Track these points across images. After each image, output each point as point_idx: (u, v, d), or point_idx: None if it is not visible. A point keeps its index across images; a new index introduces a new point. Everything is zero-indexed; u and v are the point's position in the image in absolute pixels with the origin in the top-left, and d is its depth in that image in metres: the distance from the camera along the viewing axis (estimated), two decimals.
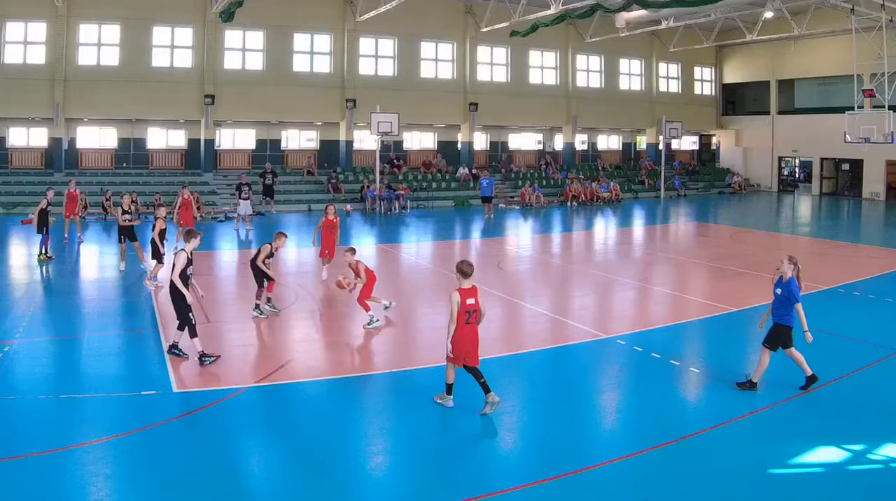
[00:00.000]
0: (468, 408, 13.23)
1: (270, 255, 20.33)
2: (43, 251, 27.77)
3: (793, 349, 14.33)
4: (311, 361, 16.59)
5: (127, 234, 26.28)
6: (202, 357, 15.79)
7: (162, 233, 24.09)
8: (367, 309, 18.92)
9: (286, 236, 20.62)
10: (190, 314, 15.86)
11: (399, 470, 11.27)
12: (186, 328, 15.90)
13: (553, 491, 10.39)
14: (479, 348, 13.47)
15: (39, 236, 27.93)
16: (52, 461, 10.93)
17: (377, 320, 19.10)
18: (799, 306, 13.89)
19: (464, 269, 13.44)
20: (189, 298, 15.61)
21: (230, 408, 13.34)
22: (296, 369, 15.75)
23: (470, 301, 13.25)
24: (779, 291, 14.22)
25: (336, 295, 22.13)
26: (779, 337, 14.28)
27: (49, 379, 14.79)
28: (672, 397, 14.48)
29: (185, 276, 15.83)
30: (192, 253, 16.25)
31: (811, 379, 14.41)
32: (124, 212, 26.21)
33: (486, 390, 13.18)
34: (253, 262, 19.95)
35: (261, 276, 20.05)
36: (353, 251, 19.65)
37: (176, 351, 16.19)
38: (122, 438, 11.78)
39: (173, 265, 15.88)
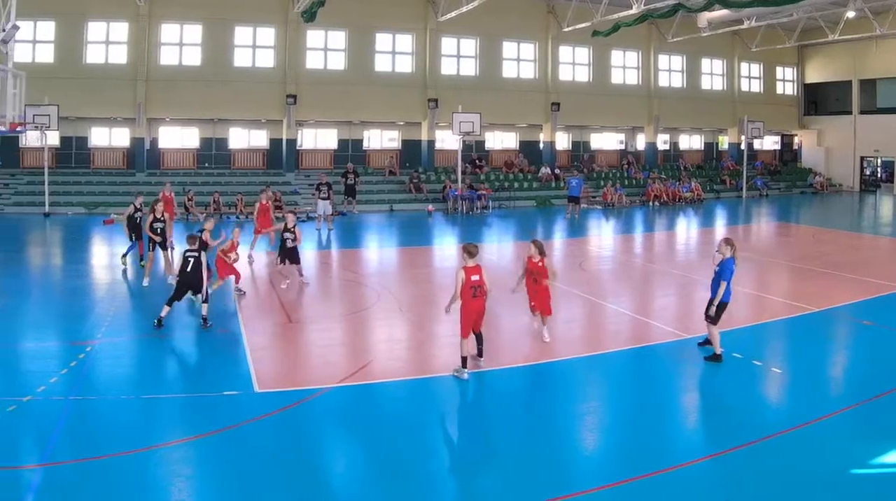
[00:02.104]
0: (552, 410, 12.88)
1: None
2: (140, 257, 25.31)
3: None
4: (392, 361, 15.88)
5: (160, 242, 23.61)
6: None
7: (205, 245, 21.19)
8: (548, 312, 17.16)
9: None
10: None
11: (481, 470, 10.93)
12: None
13: (636, 491, 9.98)
14: (483, 318, 14.75)
15: (130, 243, 25.52)
16: (134, 461, 10.58)
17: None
18: (723, 283, 14.88)
19: (470, 250, 14.71)
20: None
21: (312, 409, 12.94)
22: (378, 369, 15.12)
23: (475, 277, 14.37)
24: (717, 269, 15.14)
25: (418, 295, 21.54)
26: (718, 311, 15.12)
27: (131, 379, 14.28)
28: (754, 397, 13.90)
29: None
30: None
31: (716, 358, 15.17)
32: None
33: (480, 355, 14.96)
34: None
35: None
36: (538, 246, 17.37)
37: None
38: (204, 438, 11.42)
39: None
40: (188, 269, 17.57)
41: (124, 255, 25.57)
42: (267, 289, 22.33)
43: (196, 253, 17.78)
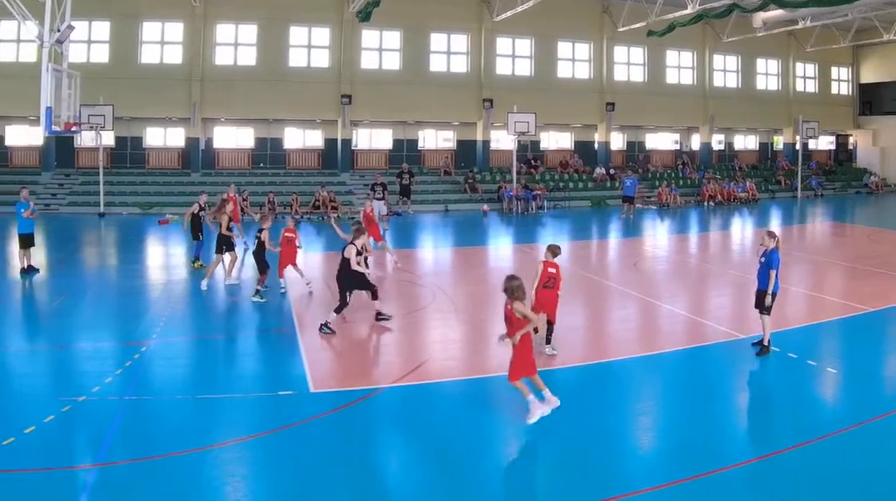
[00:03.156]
0: (607, 410, 12.61)
1: (359, 253, 18.05)
2: (197, 258, 24.87)
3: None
4: (447, 361, 15.44)
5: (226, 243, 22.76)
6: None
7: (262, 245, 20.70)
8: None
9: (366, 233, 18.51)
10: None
11: (535, 470, 10.76)
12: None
13: (690, 491, 9.66)
14: (557, 309, 15.30)
15: (196, 243, 25.19)
16: (189, 461, 10.31)
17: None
18: (773, 272, 14.70)
19: (554, 250, 15.61)
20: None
21: (367, 408, 12.60)
22: (432, 369, 14.76)
23: (551, 270, 15.19)
24: (762, 260, 15.00)
25: (473, 295, 21.37)
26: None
27: (185, 380, 13.96)
28: (809, 397, 13.60)
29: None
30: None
31: (765, 348, 15.04)
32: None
33: (548, 341, 15.34)
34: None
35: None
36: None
37: (326, 328, 16.59)
38: (259, 438, 11.15)
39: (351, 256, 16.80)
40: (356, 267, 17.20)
41: (195, 261, 24.87)
42: (321, 290, 21.36)
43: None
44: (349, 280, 17.02)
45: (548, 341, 15.45)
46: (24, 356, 15.49)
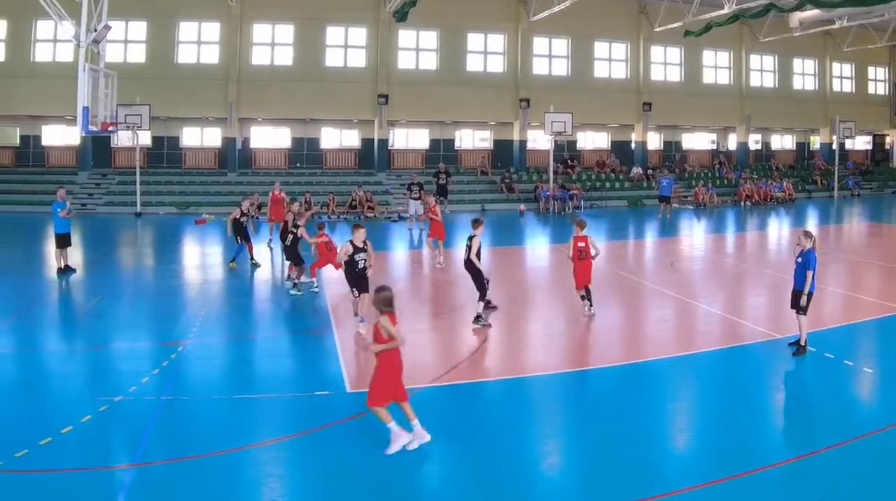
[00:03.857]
0: (644, 410, 12.17)
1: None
2: (234, 259, 24.25)
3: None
4: (485, 362, 15.26)
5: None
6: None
7: (295, 240, 21.06)
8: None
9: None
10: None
11: (572, 470, 10.31)
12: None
13: (727, 492, 9.30)
14: (590, 276, 17.55)
15: (237, 246, 24.53)
16: (225, 461, 10.00)
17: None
18: (810, 273, 14.40)
19: (581, 223, 17.84)
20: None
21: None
22: (470, 369, 14.49)
23: (580, 244, 17.39)
24: (799, 260, 14.75)
25: (510, 295, 20.47)
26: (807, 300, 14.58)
27: (222, 380, 13.76)
28: (845, 397, 13.10)
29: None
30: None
31: (801, 348, 14.72)
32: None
33: (590, 304, 17.56)
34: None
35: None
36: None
37: (480, 320, 16.93)
38: (296, 438, 10.84)
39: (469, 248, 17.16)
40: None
41: (239, 260, 24.41)
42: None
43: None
44: (476, 269, 17.40)
45: (591, 304, 17.61)
46: (62, 356, 15.28)
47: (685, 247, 31.92)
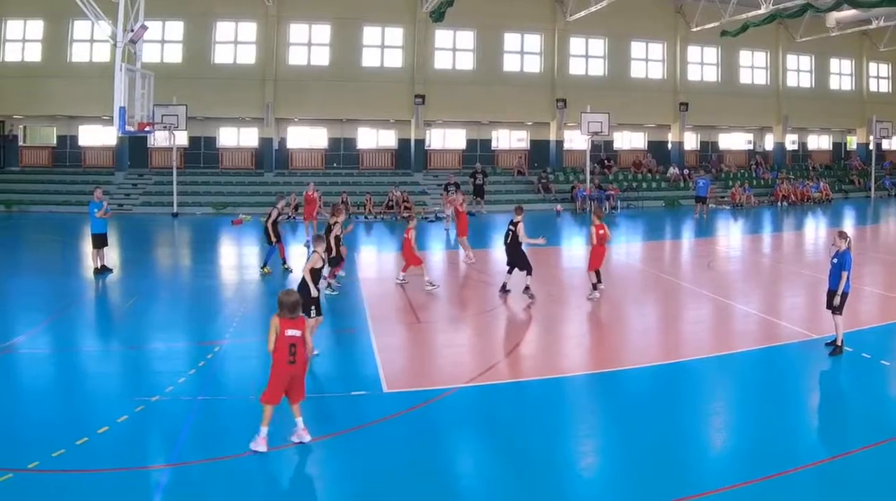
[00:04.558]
0: (680, 410, 11.94)
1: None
2: (283, 263, 23.72)
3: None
4: (521, 361, 14.96)
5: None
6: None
7: (338, 239, 20.49)
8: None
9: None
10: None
11: (609, 470, 10.04)
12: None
13: (763, 492, 9.06)
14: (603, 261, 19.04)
15: (269, 247, 23.51)
16: (262, 461, 9.74)
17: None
18: (845, 273, 14.20)
19: (598, 213, 20.15)
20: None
21: (440, 409, 11.95)
22: (506, 369, 14.23)
23: (601, 232, 19.02)
24: (835, 261, 14.60)
25: (546, 295, 20.00)
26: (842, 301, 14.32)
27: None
28: (883, 397, 12.75)
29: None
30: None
31: (838, 348, 14.41)
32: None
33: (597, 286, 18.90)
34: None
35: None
36: None
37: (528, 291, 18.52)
38: (332, 438, 10.59)
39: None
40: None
41: (282, 263, 23.72)
42: (395, 290, 20.97)
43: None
44: (520, 251, 19.12)
45: (594, 287, 19.15)
46: (98, 356, 15.05)
47: (722, 247, 31.43)
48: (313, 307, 13.90)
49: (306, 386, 11.87)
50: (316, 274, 14.25)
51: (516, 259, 19.29)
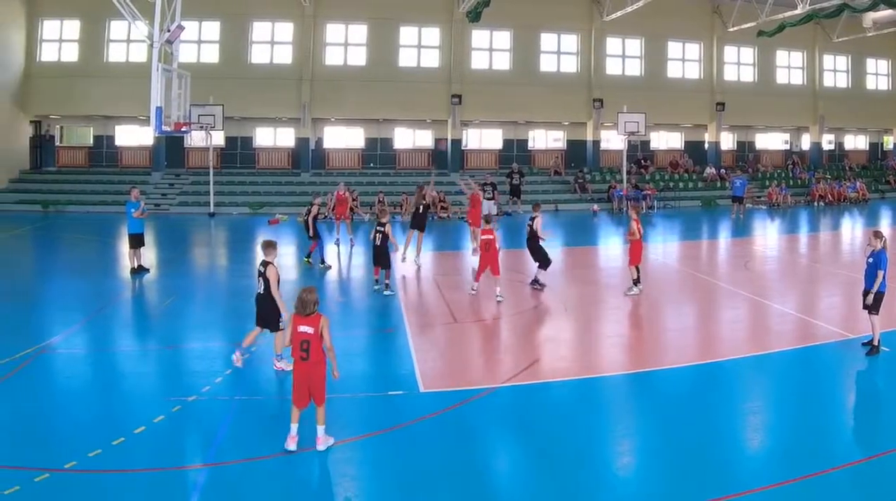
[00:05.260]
0: (716, 410, 11.82)
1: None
2: (320, 257, 23.74)
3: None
4: (558, 361, 14.53)
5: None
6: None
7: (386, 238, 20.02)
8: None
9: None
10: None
11: (646, 470, 9.93)
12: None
13: (799, 492, 9.04)
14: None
15: (311, 241, 23.75)
16: (299, 461, 9.74)
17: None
18: (881, 272, 13.98)
19: (636, 208, 20.49)
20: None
21: (477, 408, 11.80)
22: (543, 369, 13.90)
23: (640, 226, 18.81)
24: (870, 260, 14.35)
25: (583, 295, 20.16)
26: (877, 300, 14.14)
27: None
28: None
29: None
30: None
31: (874, 348, 14.19)
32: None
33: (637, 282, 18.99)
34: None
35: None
36: None
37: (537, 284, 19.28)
38: (370, 438, 10.52)
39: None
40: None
41: (315, 257, 23.81)
42: (431, 290, 21.01)
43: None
44: (537, 246, 19.61)
45: (635, 282, 19.31)
46: (135, 356, 14.88)
47: (759, 247, 30.73)
48: (280, 320, 13.37)
49: (342, 386, 11.62)
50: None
51: (533, 253, 19.85)
